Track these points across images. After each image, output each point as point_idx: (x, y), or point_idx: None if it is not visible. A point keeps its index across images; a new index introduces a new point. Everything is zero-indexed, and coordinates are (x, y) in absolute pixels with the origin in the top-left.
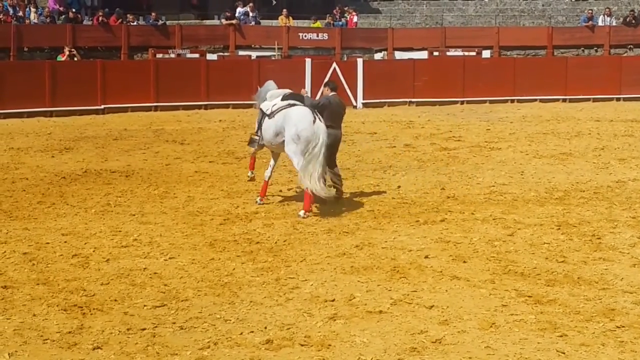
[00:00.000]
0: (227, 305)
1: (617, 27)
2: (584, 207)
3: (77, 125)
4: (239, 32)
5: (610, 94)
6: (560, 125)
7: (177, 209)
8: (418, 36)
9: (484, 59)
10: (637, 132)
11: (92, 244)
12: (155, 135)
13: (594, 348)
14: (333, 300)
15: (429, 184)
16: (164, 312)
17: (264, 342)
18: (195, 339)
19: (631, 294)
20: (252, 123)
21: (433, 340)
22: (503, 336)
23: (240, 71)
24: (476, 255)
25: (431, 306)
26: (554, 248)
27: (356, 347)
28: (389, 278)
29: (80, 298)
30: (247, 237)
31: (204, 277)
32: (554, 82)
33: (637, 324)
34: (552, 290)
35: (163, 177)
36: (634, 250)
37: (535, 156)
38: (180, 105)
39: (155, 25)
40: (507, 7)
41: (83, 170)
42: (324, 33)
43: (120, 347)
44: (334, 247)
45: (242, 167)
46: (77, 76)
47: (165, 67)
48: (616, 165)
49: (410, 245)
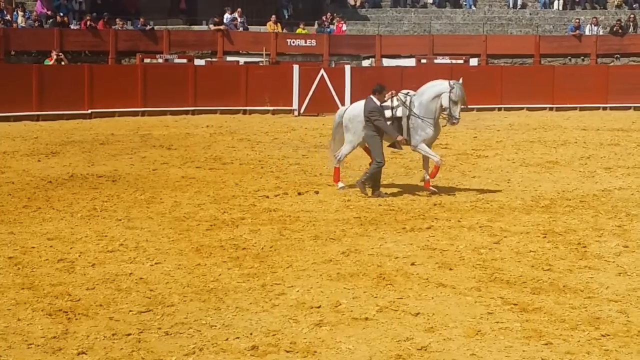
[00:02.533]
0: (212, 311)
1: (604, 36)
2: (570, 216)
3: (64, 129)
4: (227, 37)
5: (597, 103)
6: (546, 134)
7: (163, 214)
8: (406, 44)
9: (472, 67)
10: (623, 141)
11: (77, 249)
12: (142, 140)
13: (579, 356)
14: (319, 307)
15: (416, 191)
16: (150, 317)
17: (250, 348)
18: (181, 344)
19: (616, 303)
20: (239, 129)
21: (419, 347)
22: (488, 344)
23: (228, 77)
24: (462, 263)
25: (417, 313)
26: (540, 256)
27: (342, 353)
28: (375, 285)
29: (66, 303)
30: (233, 243)
31: (190, 282)
32: (541, 90)
33: (622, 333)
34: (538, 298)
35: (150, 182)
36: (620, 259)
37: (522, 164)
38: (168, 110)
39: (143, 30)
40: (495, 15)
41: (69, 175)
42: (312, 39)
43: (105, 352)
44: (321, 254)
45: (228, 172)
46: (64, 80)
47: (153, 72)
48: (602, 174)
49: (396, 252)
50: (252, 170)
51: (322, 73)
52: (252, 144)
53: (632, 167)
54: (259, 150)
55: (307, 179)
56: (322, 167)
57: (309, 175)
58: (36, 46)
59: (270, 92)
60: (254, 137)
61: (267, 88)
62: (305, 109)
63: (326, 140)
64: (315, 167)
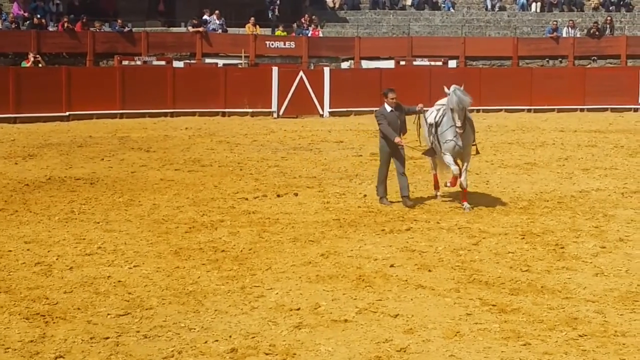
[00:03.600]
0: (191, 314)
1: (581, 38)
2: (547, 217)
3: (42, 132)
4: (206, 39)
5: (575, 105)
6: (524, 135)
7: (142, 217)
8: (385, 45)
9: (450, 68)
10: (600, 143)
11: (55, 252)
12: (120, 143)
13: (556, 356)
14: (298, 309)
15: (395, 193)
16: (128, 320)
17: (229, 351)
18: (160, 347)
19: (593, 303)
20: (218, 131)
21: (398, 349)
22: (467, 345)
23: (207, 79)
24: (441, 264)
25: (396, 315)
26: (518, 257)
27: (321, 355)
28: (354, 287)
29: (43, 306)
30: (212, 246)
31: (169, 285)
32: (519, 92)
33: (599, 333)
34: (516, 299)
35: (128, 185)
36: (597, 259)
37: (500, 166)
38: (146, 112)
39: (121, 32)
40: (473, 17)
41: (47, 178)
42: (291, 41)
43: (83, 356)
44: (300, 256)
45: (207, 175)
46: (41, 82)
47: (131, 74)
48: (580, 175)
49: (375, 254)
50: (231, 173)
51: (301, 75)
52: (231, 146)
53: (609, 169)
54: (238, 153)
55: (286, 181)
56: (301, 169)
57: (288, 177)
58: (13, 48)
59: (249, 94)
60: (233, 139)
61: (246, 90)
62: (284, 111)
63: (305, 142)
64: (294, 169)
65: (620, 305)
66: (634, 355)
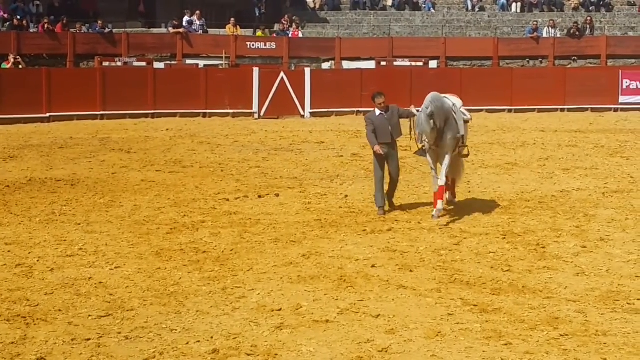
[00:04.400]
0: (173, 315)
1: (561, 38)
2: (528, 217)
3: (22, 133)
4: (187, 40)
5: (555, 105)
6: (505, 136)
7: (123, 218)
8: (366, 46)
9: (431, 69)
10: (581, 143)
11: (36, 254)
12: (101, 144)
13: (538, 356)
14: (280, 310)
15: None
16: (109, 322)
17: (210, 352)
18: (141, 349)
19: (574, 303)
20: (199, 132)
21: (379, 349)
22: (449, 345)
23: (188, 80)
24: (422, 265)
25: (378, 315)
26: (500, 257)
27: (303, 356)
28: (335, 287)
29: (24, 308)
30: (193, 247)
31: (150, 286)
32: (499, 92)
33: (580, 332)
34: (498, 299)
35: (109, 186)
36: (578, 259)
37: (481, 166)
38: (127, 113)
39: (101, 33)
40: (454, 18)
41: (27, 179)
42: (271, 42)
43: (65, 357)
44: (281, 257)
45: (188, 176)
46: (22, 84)
47: (112, 76)
48: (560, 175)
49: (357, 255)
50: (212, 174)
51: (282, 76)
52: (212, 147)
53: (590, 168)
54: (219, 153)
55: (267, 182)
56: (282, 170)
57: (269, 178)
58: None
59: (230, 95)
60: (214, 140)
61: (227, 91)
62: (265, 111)
63: (286, 142)
64: (275, 169)
65: (601, 305)
66: (614, 354)
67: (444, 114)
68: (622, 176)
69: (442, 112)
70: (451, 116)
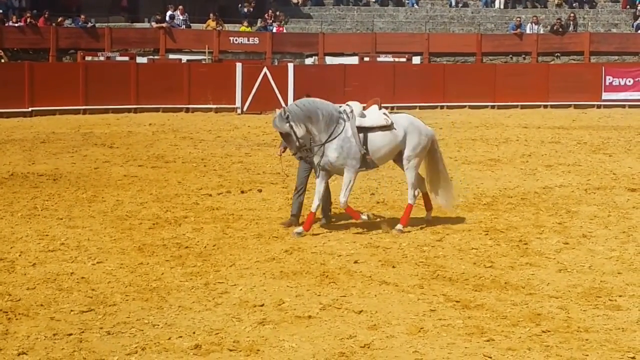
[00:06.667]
0: (155, 310)
1: (544, 34)
2: (511, 213)
3: (4, 127)
4: (170, 35)
5: (538, 101)
6: (488, 132)
7: (105, 213)
8: (349, 41)
9: (414, 65)
10: (563, 139)
11: (18, 248)
12: (83, 139)
13: (520, 352)
14: (262, 305)
15: (359, 189)
16: (91, 317)
17: (193, 347)
18: (123, 344)
19: (557, 299)
20: (182, 127)
21: (362, 345)
22: (431, 341)
23: (171, 75)
24: (405, 261)
25: (360, 311)
26: (482, 253)
27: (285, 352)
28: (318, 283)
29: (6, 303)
30: (176, 242)
31: (132, 281)
32: (482, 88)
33: (562, 329)
34: (480, 295)
35: (91, 181)
36: (560, 255)
37: (464, 162)
38: (110, 108)
39: (84, 27)
40: (437, 14)
41: (9, 174)
42: (254, 37)
43: (46, 352)
44: (264, 252)
45: (171, 171)
46: (4, 78)
47: (95, 70)
48: (543, 172)
49: (339, 250)
50: (194, 169)
51: (265, 71)
52: (195, 142)
53: (573, 165)
54: (201, 149)
55: (250, 177)
56: (265, 165)
57: (252, 173)
58: None
59: (213, 90)
60: (196, 135)
61: (209, 86)
62: (248, 107)
63: (269, 138)
64: (258, 165)
65: (584, 301)
66: (596, 350)
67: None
68: (604, 173)
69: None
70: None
